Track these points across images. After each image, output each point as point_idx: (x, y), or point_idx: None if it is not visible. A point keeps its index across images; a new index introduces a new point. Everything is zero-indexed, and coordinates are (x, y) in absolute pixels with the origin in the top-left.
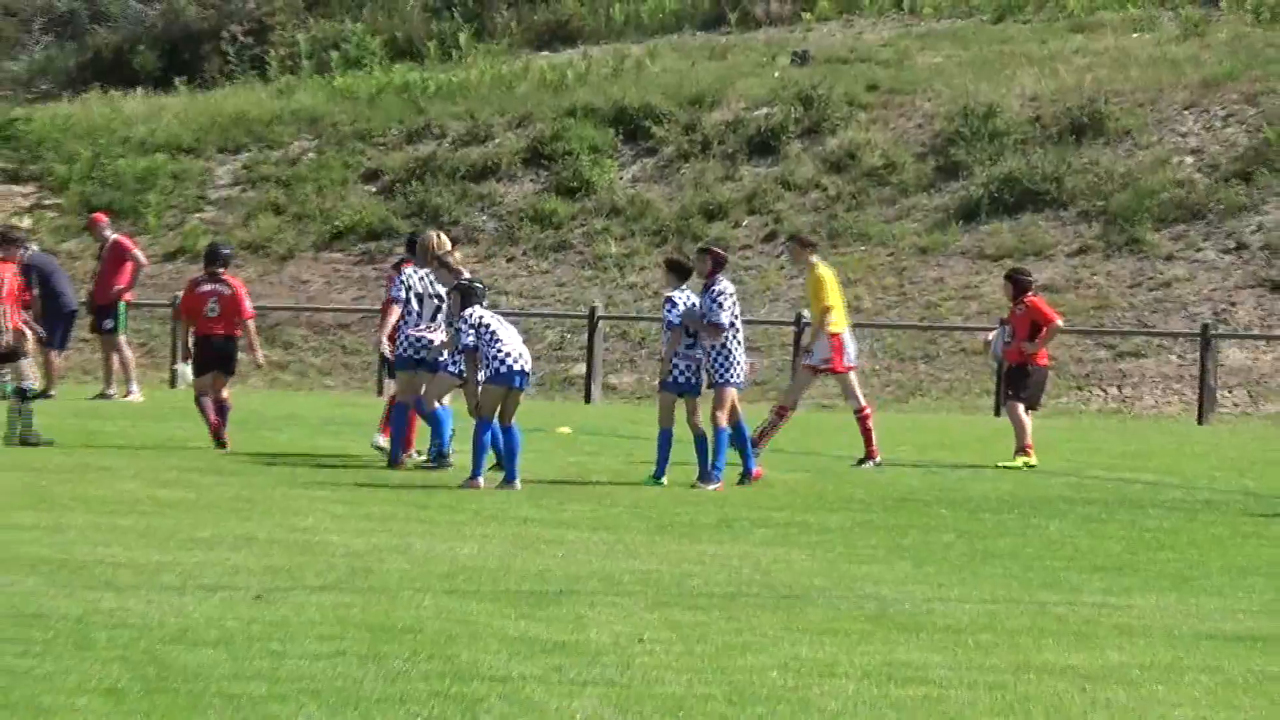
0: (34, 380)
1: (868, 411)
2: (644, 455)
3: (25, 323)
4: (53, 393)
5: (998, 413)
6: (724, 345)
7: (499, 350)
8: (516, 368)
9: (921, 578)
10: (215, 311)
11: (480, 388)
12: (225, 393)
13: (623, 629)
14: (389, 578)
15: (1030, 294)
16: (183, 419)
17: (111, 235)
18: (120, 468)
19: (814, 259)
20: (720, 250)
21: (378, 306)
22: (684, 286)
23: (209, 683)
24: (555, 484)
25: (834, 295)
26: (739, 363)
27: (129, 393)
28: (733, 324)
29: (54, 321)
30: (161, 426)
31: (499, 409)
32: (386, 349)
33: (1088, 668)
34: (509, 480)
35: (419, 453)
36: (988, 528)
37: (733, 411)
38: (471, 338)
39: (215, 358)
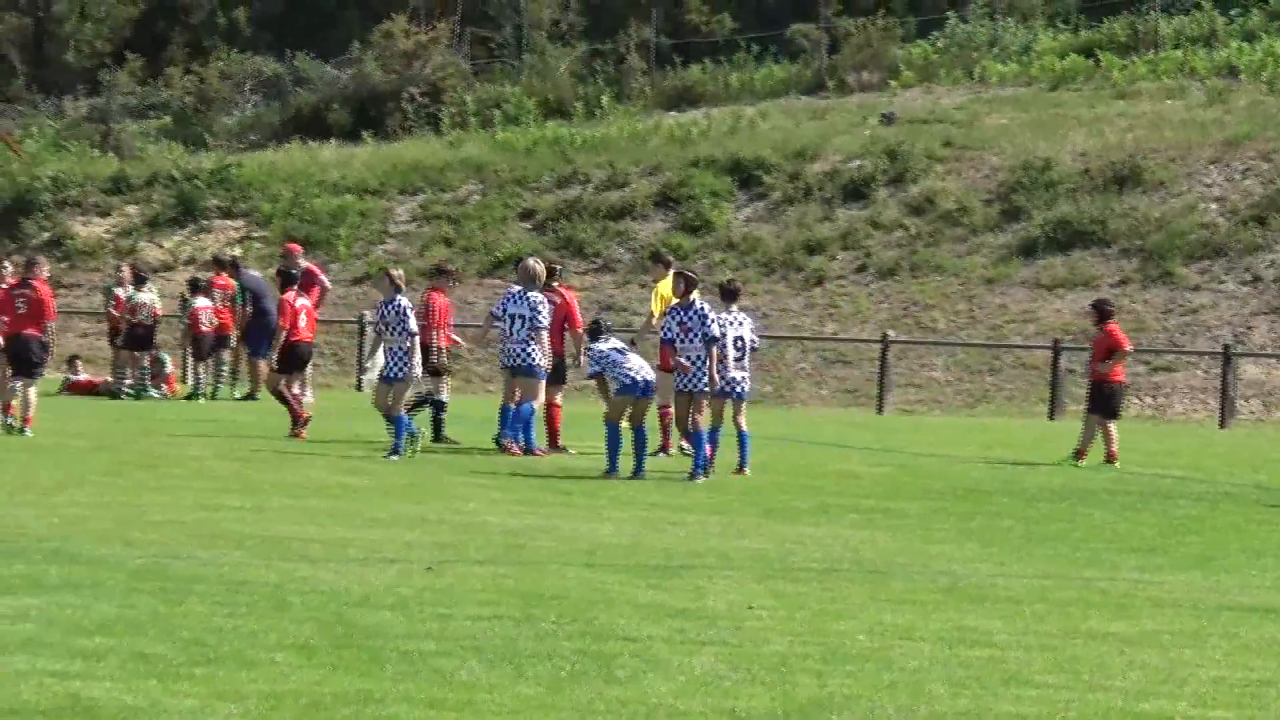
0: (444, 393)
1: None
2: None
3: (451, 341)
4: (258, 395)
5: (1051, 417)
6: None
7: (625, 370)
8: (639, 379)
9: (986, 556)
10: (305, 321)
11: (610, 398)
12: (297, 388)
13: (735, 598)
14: (538, 553)
15: (1110, 321)
16: (363, 418)
17: (303, 263)
18: (311, 458)
19: (664, 273)
20: (692, 273)
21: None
22: (733, 308)
23: (387, 640)
24: (677, 475)
25: (658, 306)
26: (704, 372)
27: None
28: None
29: (261, 335)
30: (345, 423)
31: (627, 414)
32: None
33: (1126, 634)
34: (637, 472)
35: (563, 447)
36: (1041, 514)
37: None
38: (596, 367)
39: (303, 359)
